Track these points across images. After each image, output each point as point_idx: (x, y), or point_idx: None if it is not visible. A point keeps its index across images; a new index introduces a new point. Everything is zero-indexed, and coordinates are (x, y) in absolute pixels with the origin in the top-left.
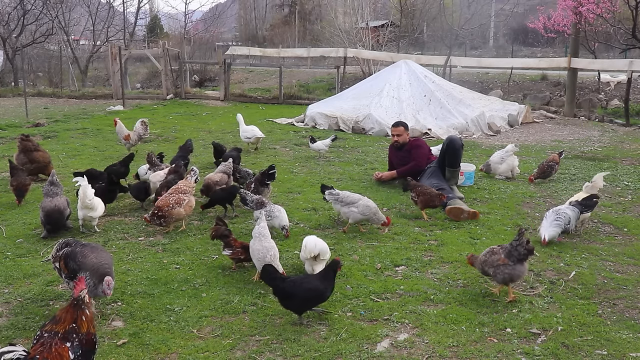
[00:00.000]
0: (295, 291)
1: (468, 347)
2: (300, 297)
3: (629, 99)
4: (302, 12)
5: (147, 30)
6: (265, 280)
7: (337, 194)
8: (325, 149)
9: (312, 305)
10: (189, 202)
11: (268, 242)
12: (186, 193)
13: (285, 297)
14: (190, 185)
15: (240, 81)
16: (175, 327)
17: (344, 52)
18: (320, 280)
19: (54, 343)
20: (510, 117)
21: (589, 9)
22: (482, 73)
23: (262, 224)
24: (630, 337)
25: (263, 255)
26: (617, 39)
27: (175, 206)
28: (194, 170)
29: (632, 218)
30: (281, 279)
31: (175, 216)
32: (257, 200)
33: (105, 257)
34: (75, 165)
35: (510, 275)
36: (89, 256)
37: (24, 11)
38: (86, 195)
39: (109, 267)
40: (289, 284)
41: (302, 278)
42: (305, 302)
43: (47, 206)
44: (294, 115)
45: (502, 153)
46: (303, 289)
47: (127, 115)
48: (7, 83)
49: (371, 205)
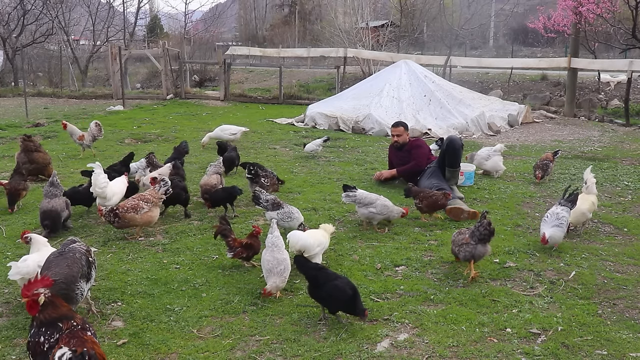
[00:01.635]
0: (327, 283)
1: (468, 347)
2: (327, 290)
3: (629, 99)
4: (302, 12)
5: (147, 30)
6: (299, 266)
7: (354, 195)
8: (318, 149)
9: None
10: (148, 212)
11: (280, 253)
12: (148, 202)
13: (315, 286)
14: (156, 196)
15: (240, 81)
16: (175, 327)
17: (344, 52)
18: (352, 289)
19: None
20: (510, 117)
21: (589, 9)
22: (482, 73)
23: (276, 233)
24: (630, 337)
25: (272, 266)
26: (617, 39)
27: (131, 211)
28: (165, 181)
29: (632, 218)
30: (316, 267)
31: (129, 220)
32: (273, 201)
33: (65, 273)
34: (75, 165)
35: (471, 253)
36: (51, 269)
37: (24, 11)
38: (96, 183)
39: (66, 287)
40: (322, 274)
41: (337, 275)
42: (330, 298)
43: (44, 207)
44: (294, 115)
45: (490, 150)
46: (332, 284)
47: (127, 115)
48: (7, 83)
49: (388, 205)
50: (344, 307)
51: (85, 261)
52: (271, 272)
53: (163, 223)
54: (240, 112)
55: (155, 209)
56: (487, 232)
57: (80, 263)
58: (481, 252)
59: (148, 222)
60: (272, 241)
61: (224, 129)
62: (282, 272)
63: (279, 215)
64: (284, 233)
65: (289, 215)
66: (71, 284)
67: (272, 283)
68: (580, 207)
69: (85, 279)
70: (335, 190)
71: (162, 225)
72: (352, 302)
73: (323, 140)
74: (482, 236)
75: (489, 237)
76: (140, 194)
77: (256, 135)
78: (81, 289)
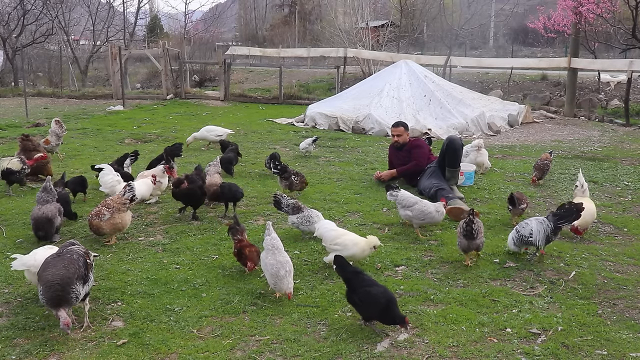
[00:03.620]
0: (359, 288)
1: (468, 347)
2: (360, 297)
3: (629, 99)
4: (302, 12)
5: (147, 30)
6: (337, 269)
7: (396, 195)
8: (309, 148)
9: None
10: (110, 218)
11: (282, 255)
12: (110, 208)
13: (350, 289)
14: (118, 202)
15: (240, 81)
16: (175, 327)
17: (344, 52)
18: (387, 299)
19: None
20: (510, 117)
21: (589, 9)
22: (482, 73)
23: (273, 235)
24: (630, 337)
25: (277, 270)
26: (617, 39)
27: (95, 218)
28: (130, 187)
29: (632, 218)
30: (354, 270)
31: (95, 227)
32: (293, 205)
33: (61, 274)
34: (75, 165)
35: (459, 244)
36: (48, 270)
37: (24, 11)
38: (101, 183)
39: (62, 288)
40: (358, 279)
41: (373, 282)
42: (362, 304)
43: (34, 214)
44: (294, 115)
45: (468, 146)
46: (364, 291)
47: (127, 115)
48: (7, 83)
49: (426, 211)
50: (378, 316)
51: (82, 263)
52: (276, 276)
53: (163, 223)
54: (240, 112)
55: (121, 214)
56: (466, 228)
57: (77, 264)
58: (461, 244)
59: (116, 228)
60: (271, 243)
61: (210, 129)
62: (287, 274)
63: (298, 219)
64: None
65: (308, 219)
66: (67, 285)
67: (289, 284)
68: (591, 209)
69: (82, 281)
70: (335, 190)
71: (162, 225)
72: (385, 312)
73: (312, 140)
74: (463, 231)
75: (467, 232)
76: (104, 200)
77: (256, 135)
78: (77, 291)
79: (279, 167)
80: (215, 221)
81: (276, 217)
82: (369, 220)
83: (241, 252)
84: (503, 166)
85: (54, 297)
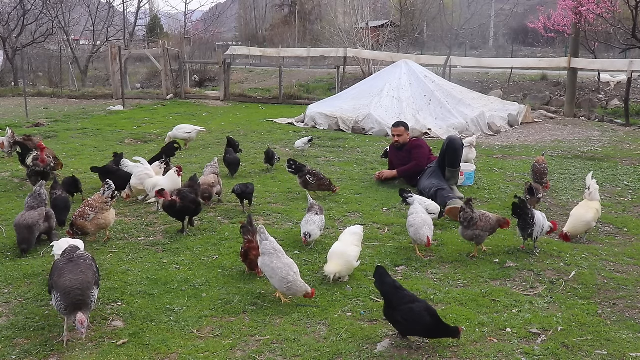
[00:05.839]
0: (398, 305)
1: (468, 347)
2: (403, 315)
3: (629, 99)
4: (302, 12)
5: (147, 30)
6: (377, 279)
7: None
8: (304, 147)
9: (414, 329)
10: (95, 218)
11: (286, 258)
12: (93, 207)
13: (389, 306)
14: (99, 201)
15: (240, 81)
16: (175, 327)
17: (344, 52)
18: (431, 315)
19: None
20: (510, 117)
21: (589, 9)
22: (482, 73)
23: (270, 239)
24: (630, 337)
25: (286, 273)
26: (617, 39)
27: (79, 218)
28: (108, 184)
29: (632, 218)
30: (393, 285)
31: (79, 226)
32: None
33: (80, 279)
34: (75, 165)
35: (459, 233)
36: (65, 276)
37: (24, 11)
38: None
39: (82, 293)
40: (398, 295)
41: (414, 298)
42: (406, 323)
43: (15, 221)
44: (294, 115)
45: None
46: (407, 308)
47: (127, 115)
48: (7, 83)
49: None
50: (424, 333)
51: (95, 268)
52: (285, 280)
53: (163, 223)
54: (240, 112)
55: (105, 213)
56: (463, 219)
57: (93, 270)
58: (462, 234)
59: (100, 226)
60: (273, 247)
61: (179, 127)
62: (296, 276)
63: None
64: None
65: (307, 220)
66: (86, 290)
67: (303, 285)
68: (584, 216)
69: (97, 286)
70: None
71: (162, 226)
72: (433, 328)
73: (308, 140)
74: (462, 220)
75: (468, 224)
76: (86, 200)
77: (256, 135)
78: (94, 295)
79: (293, 166)
80: (215, 221)
81: (276, 217)
82: (369, 220)
83: (248, 254)
84: (503, 166)
85: (74, 302)
